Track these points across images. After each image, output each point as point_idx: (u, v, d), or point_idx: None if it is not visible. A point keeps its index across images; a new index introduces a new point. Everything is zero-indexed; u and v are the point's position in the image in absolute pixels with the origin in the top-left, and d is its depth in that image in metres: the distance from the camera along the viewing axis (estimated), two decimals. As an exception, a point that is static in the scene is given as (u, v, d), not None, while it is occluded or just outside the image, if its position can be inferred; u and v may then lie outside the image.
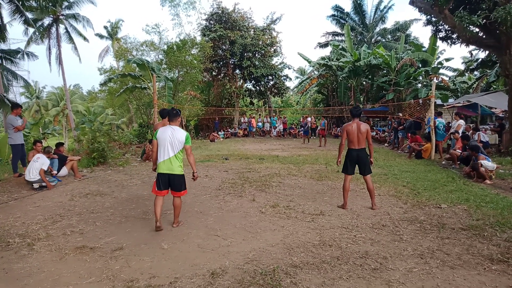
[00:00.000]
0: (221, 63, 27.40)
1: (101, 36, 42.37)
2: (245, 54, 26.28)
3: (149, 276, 3.36)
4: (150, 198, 6.57)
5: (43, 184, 7.37)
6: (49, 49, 27.81)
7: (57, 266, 3.61)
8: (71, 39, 28.07)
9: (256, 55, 26.96)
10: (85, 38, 29.08)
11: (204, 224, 4.95)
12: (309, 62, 30.08)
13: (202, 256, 3.84)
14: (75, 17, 27.28)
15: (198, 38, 24.24)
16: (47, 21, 26.60)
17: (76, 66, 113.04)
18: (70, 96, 39.18)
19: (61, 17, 26.89)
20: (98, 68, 20.77)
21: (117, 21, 42.85)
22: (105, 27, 42.61)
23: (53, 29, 27.15)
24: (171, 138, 4.57)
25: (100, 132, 11.82)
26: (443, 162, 10.72)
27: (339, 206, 5.82)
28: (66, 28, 27.69)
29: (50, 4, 23.63)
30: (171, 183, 4.67)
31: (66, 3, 26.08)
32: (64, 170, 8.72)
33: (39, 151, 8.00)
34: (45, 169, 7.44)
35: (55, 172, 8.35)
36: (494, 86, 23.98)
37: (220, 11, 26.30)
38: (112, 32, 42.58)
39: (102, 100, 34.98)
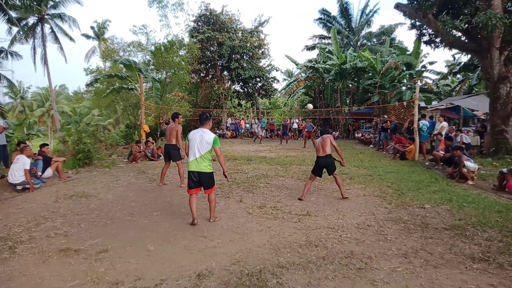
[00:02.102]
0: (209, 64, 27.35)
1: (87, 36, 41.82)
2: (233, 56, 26.32)
3: (134, 278, 3.34)
4: (136, 199, 6.53)
5: (27, 186, 7.24)
6: (34, 48, 27.22)
7: (39, 269, 3.55)
8: (56, 39, 27.55)
9: (244, 57, 27.04)
10: (71, 38, 28.61)
11: (191, 226, 4.93)
12: (297, 64, 30.27)
13: (188, 257, 3.83)
14: (60, 16, 26.76)
15: (186, 40, 24.16)
16: (31, 20, 26.01)
17: (62, 66, 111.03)
18: (56, 96, 38.54)
19: (46, 16, 26.34)
20: (84, 69, 20.39)
21: (104, 21, 42.38)
22: (92, 27, 42.10)
23: (38, 29, 26.59)
24: (200, 140, 4.88)
25: (86, 133, 11.63)
26: (427, 163, 10.91)
27: (298, 198, 6.53)
28: (51, 28, 27.14)
29: (35, 3, 23.22)
30: (201, 180, 4.95)
31: (51, 3, 25.56)
32: (49, 172, 8.58)
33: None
34: (28, 168, 7.29)
35: (39, 173, 8.21)
36: (476, 89, 24.58)
37: (208, 13, 26.27)
38: (99, 33, 42.07)
39: (88, 100, 34.46)
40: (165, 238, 4.44)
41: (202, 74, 27.81)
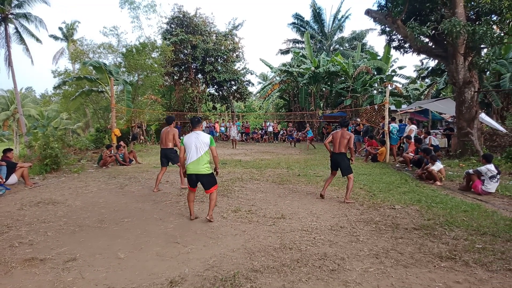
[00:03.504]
0: (183, 67, 27.08)
1: (55, 38, 40.48)
2: (207, 58, 26.19)
3: (104, 287, 3.23)
4: (106, 206, 6.34)
5: (-12, 193, 6.88)
6: (-3, 49, 26.03)
7: (1, 281, 3.36)
8: (22, 40, 26.40)
9: (219, 60, 26.96)
10: (38, 39, 27.50)
11: (163, 232, 4.83)
12: (271, 68, 30.51)
13: (160, 264, 3.75)
14: (26, 16, 25.66)
15: (159, 42, 23.79)
16: (-7, 19, 24.91)
17: (28, 68, 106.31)
18: (22, 99, 36.99)
19: (10, 16, 25.19)
20: (52, 71, 19.62)
21: (73, 22, 41.19)
22: (60, 28, 40.82)
23: (1, 29, 25.37)
24: (196, 142, 5.08)
25: (53, 137, 11.20)
26: (397, 165, 11.23)
27: (320, 194, 6.86)
28: (16, 28, 25.99)
29: (-3, 2, 22.22)
30: (200, 181, 5.22)
31: (15, 2, 24.50)
32: (14, 178, 8.19)
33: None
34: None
35: (3, 180, 7.81)
36: (444, 93, 25.58)
37: (181, 15, 26.05)
38: (68, 34, 40.82)
39: (56, 104, 33.25)
40: (137, 245, 4.32)
41: (175, 77, 27.50)
